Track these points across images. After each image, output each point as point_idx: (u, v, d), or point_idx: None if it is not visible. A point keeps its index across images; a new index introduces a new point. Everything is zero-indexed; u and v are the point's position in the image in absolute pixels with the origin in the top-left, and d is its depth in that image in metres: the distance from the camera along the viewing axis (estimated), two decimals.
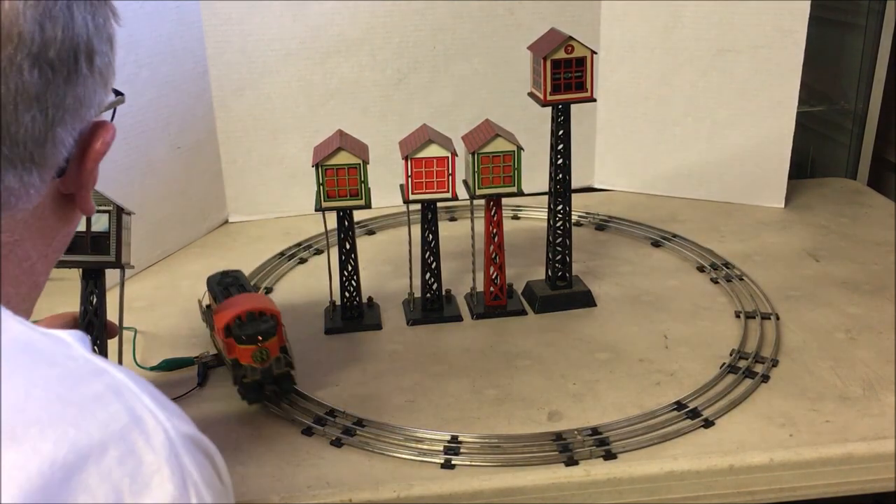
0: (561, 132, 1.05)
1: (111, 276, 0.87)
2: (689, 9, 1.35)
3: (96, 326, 0.83)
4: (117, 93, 0.62)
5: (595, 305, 1.11)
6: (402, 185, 1.03)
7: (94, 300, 0.83)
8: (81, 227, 0.78)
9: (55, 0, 0.46)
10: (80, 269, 0.82)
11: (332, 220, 1.04)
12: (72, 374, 0.44)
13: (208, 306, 1.01)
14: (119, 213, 0.80)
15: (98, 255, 0.80)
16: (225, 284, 0.96)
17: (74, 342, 0.46)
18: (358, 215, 1.12)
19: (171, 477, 0.42)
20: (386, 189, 1.18)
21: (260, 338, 0.86)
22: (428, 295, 1.09)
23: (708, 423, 0.86)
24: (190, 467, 0.43)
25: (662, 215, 1.38)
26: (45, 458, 0.39)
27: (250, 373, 0.87)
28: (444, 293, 1.10)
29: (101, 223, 0.79)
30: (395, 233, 1.34)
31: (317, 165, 0.98)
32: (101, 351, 0.85)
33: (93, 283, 0.82)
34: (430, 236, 1.06)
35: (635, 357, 0.99)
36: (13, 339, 0.44)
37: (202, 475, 0.44)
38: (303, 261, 1.27)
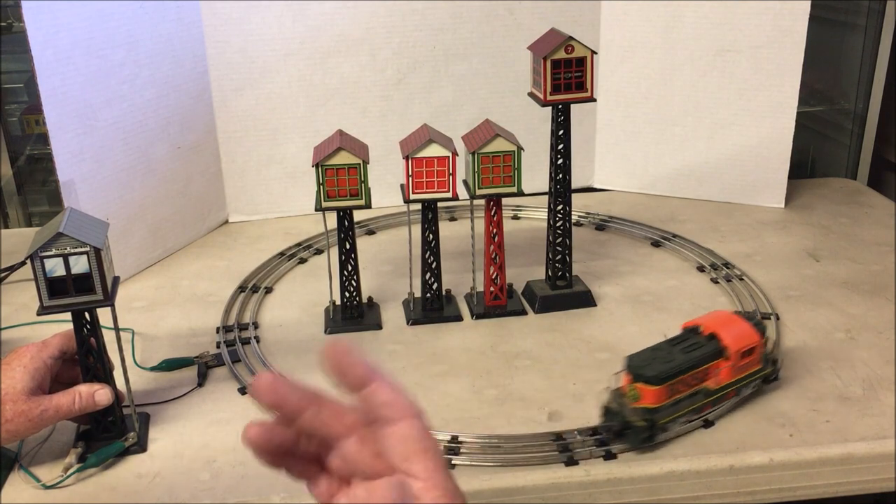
0: (561, 132, 1.05)
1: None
2: (689, 9, 1.35)
3: (96, 360, 0.83)
4: None
5: (595, 305, 1.11)
6: (402, 185, 1.03)
7: (91, 339, 0.82)
8: (61, 272, 0.77)
9: None
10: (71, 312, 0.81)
11: (332, 219, 1.04)
12: None
13: (616, 390, 0.87)
14: (98, 253, 0.78)
15: (84, 296, 0.79)
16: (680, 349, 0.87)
17: None
18: (358, 215, 1.12)
19: None
20: (386, 189, 1.18)
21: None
22: (428, 295, 1.09)
23: (708, 424, 0.86)
24: None
25: (662, 215, 1.38)
26: None
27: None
28: (444, 293, 1.10)
29: (80, 265, 0.78)
30: (395, 233, 1.34)
31: (317, 165, 0.98)
32: (108, 383, 0.84)
33: (86, 322, 0.82)
34: (431, 236, 1.06)
35: None
36: None
37: None
38: (303, 261, 1.27)
